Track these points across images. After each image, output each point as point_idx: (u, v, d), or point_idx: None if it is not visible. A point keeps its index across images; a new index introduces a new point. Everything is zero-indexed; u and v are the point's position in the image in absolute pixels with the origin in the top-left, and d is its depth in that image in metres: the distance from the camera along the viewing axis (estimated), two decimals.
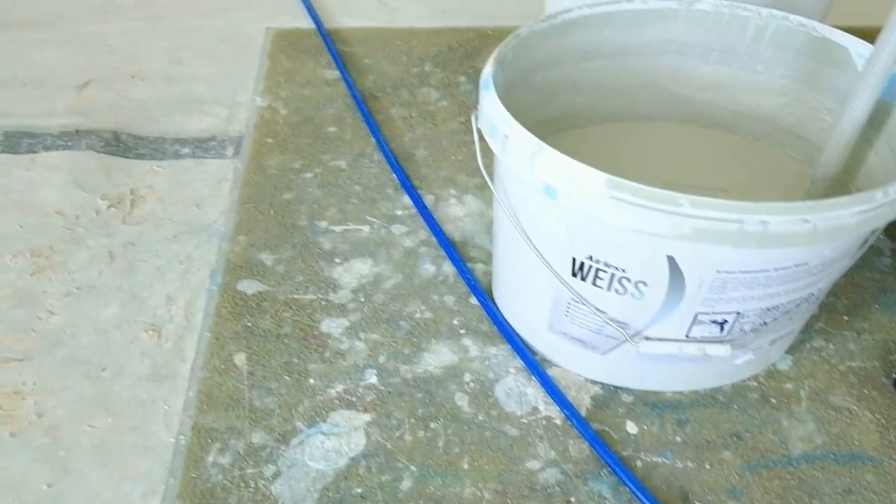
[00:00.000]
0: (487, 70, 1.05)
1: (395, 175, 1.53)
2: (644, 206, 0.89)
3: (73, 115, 1.69)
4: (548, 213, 1.01)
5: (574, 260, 1.03)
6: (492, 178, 1.15)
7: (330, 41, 1.87)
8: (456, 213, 1.46)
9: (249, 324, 1.26)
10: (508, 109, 1.00)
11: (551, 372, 1.21)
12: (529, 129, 0.97)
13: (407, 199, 1.48)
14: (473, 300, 1.30)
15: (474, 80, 1.78)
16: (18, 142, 1.62)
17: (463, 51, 1.87)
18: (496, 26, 1.95)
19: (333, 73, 1.80)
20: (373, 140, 1.61)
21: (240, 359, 1.22)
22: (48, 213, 1.46)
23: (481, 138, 1.07)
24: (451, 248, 1.37)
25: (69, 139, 1.62)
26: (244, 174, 1.54)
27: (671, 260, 0.97)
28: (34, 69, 1.83)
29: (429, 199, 1.48)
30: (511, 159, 0.97)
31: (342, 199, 1.48)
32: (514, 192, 1.06)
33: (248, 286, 1.32)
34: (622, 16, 1.20)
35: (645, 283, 1.01)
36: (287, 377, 1.19)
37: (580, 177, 0.91)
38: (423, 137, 1.63)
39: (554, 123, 1.30)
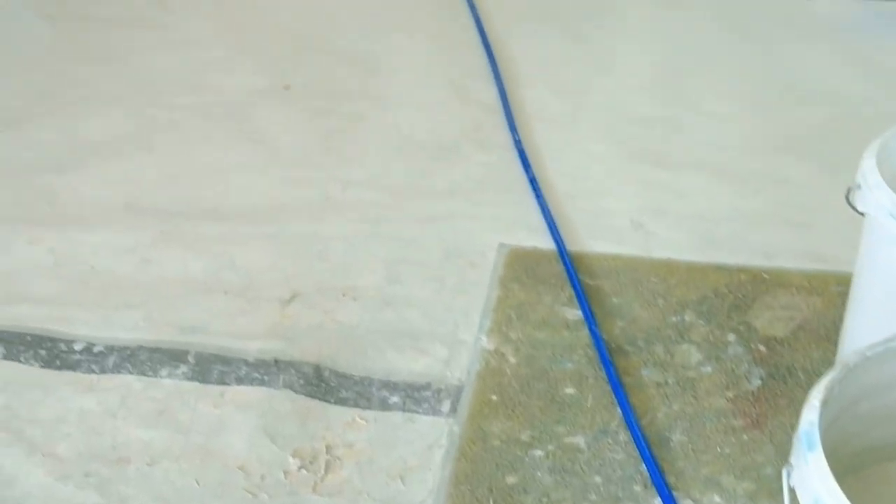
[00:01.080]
0: (810, 417, 0.88)
1: (644, 466, 1.34)
2: None
3: (274, 338, 1.61)
4: None
5: None
6: None
7: (573, 270, 1.73)
8: None
9: None
10: (825, 444, 0.84)
11: None
12: (846, 460, 0.79)
13: (658, 503, 1.29)
14: None
15: (745, 339, 1.59)
16: (210, 368, 1.55)
17: (732, 298, 1.68)
18: (774, 267, 1.76)
19: (575, 313, 1.65)
20: (618, 411, 1.44)
21: None
22: (230, 467, 1.36)
23: (794, 498, 0.88)
24: None
25: (266, 371, 1.53)
26: (461, 441, 1.40)
27: None
28: (239, 272, 1.79)
29: None
30: None
31: (578, 492, 1.31)
32: None
33: None
34: None
35: None
36: None
37: None
38: (680, 415, 1.44)
39: (876, 452, 1.10)
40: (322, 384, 1.52)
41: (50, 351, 1.62)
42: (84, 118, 2.31)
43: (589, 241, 1.86)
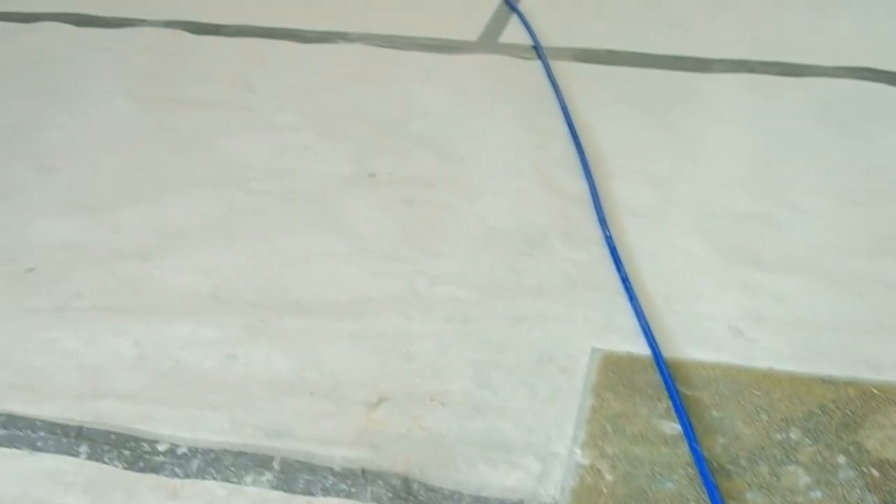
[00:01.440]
0: None
1: None
2: None
3: (361, 445, 1.58)
4: None
5: None
6: None
7: (670, 380, 1.68)
8: None
9: None
10: None
11: None
12: None
13: None
14: None
15: (856, 462, 1.52)
16: (295, 477, 1.52)
17: (840, 415, 1.62)
18: (884, 382, 1.69)
19: (673, 427, 1.60)
20: None
21: None
22: None
23: None
24: None
25: (353, 482, 1.51)
26: None
27: None
28: (324, 372, 1.77)
29: None
30: None
31: None
32: None
33: None
34: None
35: None
36: None
37: None
38: None
39: None
40: (410, 497, 1.48)
41: (134, 451, 1.61)
42: (169, 203, 2.33)
43: (685, 347, 1.81)
